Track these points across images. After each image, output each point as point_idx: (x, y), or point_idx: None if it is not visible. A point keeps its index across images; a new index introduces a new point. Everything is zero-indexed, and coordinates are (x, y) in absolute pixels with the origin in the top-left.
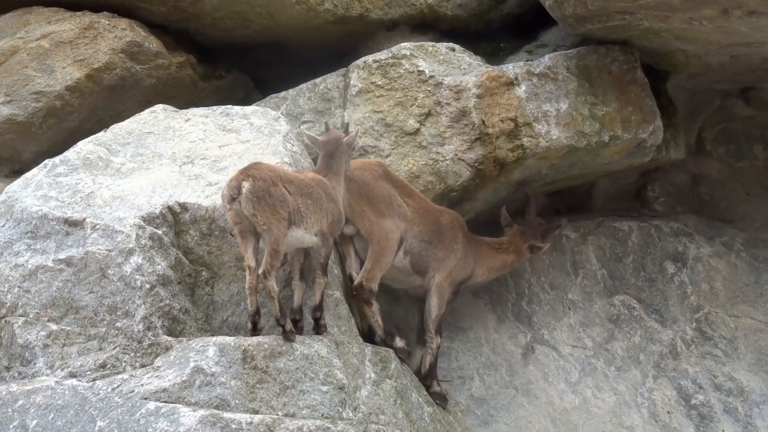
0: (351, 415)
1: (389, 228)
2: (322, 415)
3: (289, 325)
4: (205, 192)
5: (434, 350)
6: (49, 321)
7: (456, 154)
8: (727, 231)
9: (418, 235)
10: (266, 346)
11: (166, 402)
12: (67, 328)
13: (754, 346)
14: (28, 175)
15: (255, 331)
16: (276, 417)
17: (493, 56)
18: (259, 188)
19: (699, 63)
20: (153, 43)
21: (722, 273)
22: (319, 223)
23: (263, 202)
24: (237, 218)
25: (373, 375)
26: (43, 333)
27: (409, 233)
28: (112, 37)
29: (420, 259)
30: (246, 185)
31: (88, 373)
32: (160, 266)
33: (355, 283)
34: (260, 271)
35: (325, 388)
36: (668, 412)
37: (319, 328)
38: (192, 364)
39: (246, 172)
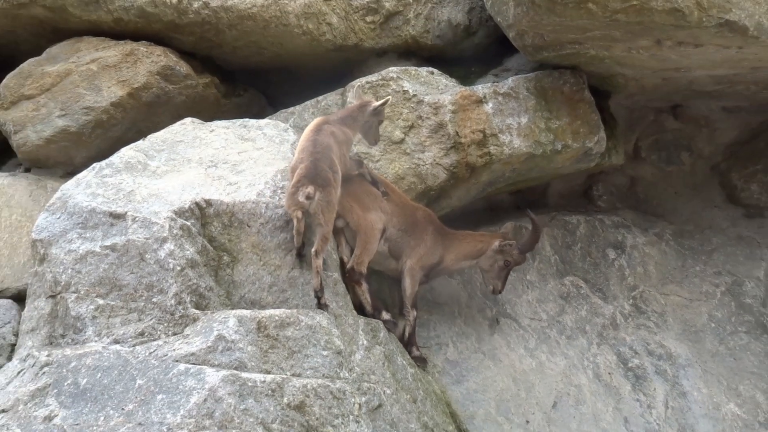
0: (347, 375)
1: (374, 220)
2: (323, 375)
3: (324, 299)
4: (227, 190)
5: (411, 322)
6: (96, 297)
7: (434, 160)
8: (659, 223)
9: (396, 225)
10: (277, 317)
11: (194, 364)
12: (112, 302)
13: (680, 319)
14: (79, 176)
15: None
16: (285, 377)
17: (466, 78)
18: (327, 195)
19: (636, 85)
20: (183, 67)
21: (654, 258)
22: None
23: (330, 206)
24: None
25: (365, 342)
26: (92, 307)
27: (389, 224)
28: (149, 61)
29: (396, 246)
30: (318, 195)
31: (129, 340)
32: (188, 252)
33: (347, 267)
34: (313, 250)
35: (325, 353)
36: (609, 374)
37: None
38: (215, 333)
39: (315, 182)
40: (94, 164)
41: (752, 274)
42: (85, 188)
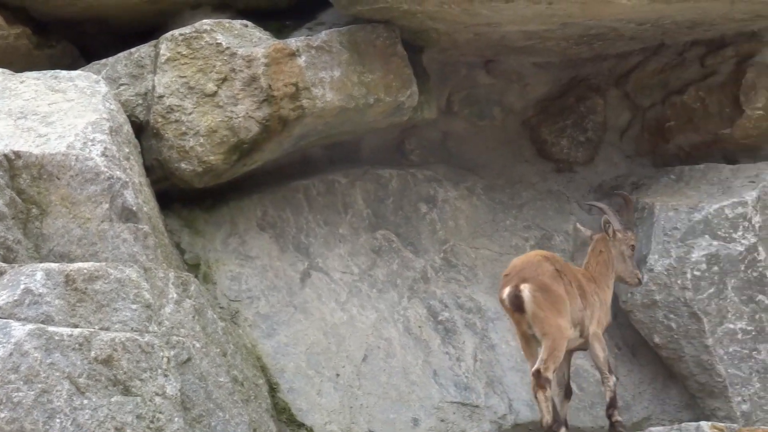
0: (156, 328)
1: (563, 326)
2: (132, 328)
3: None
4: (36, 142)
5: (612, 387)
6: None
7: (247, 113)
8: (470, 178)
9: (578, 307)
10: (85, 271)
11: None
12: None
13: (490, 273)
14: None
15: None
16: (93, 330)
17: (280, 32)
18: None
19: (448, 39)
20: None
21: (465, 212)
22: None
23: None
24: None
25: (175, 295)
26: None
27: (574, 310)
28: None
29: (582, 326)
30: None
31: None
32: None
33: (533, 369)
34: (534, 369)
35: (134, 307)
36: (419, 327)
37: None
38: (22, 286)
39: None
40: None
41: (561, 228)
42: None
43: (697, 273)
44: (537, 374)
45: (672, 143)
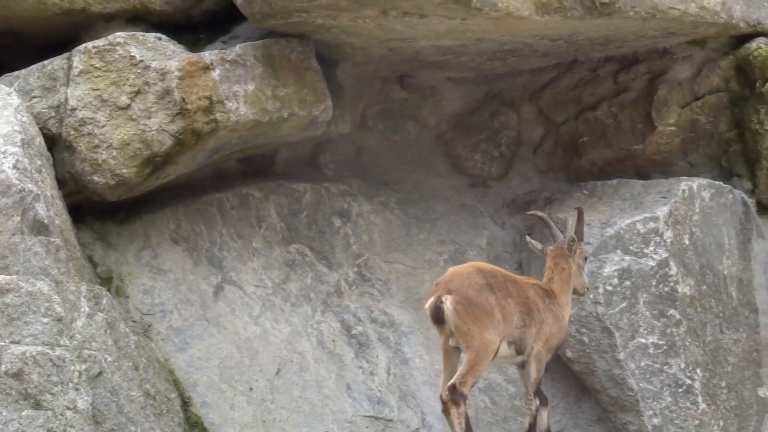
0: (67, 342)
1: (489, 340)
2: (43, 342)
3: None
4: None
5: (533, 411)
6: None
7: (160, 126)
8: (384, 192)
9: (517, 324)
10: None
11: None
12: None
13: (404, 287)
14: None
15: None
16: (3, 344)
17: (194, 45)
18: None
19: (363, 54)
20: None
21: (379, 226)
22: None
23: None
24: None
25: (87, 309)
26: None
27: (509, 327)
28: None
29: (521, 343)
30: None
31: None
32: None
33: (449, 384)
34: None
35: (45, 320)
36: (333, 341)
37: None
38: None
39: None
40: None
41: (474, 242)
42: None
43: (609, 288)
44: (452, 389)
45: (585, 159)
